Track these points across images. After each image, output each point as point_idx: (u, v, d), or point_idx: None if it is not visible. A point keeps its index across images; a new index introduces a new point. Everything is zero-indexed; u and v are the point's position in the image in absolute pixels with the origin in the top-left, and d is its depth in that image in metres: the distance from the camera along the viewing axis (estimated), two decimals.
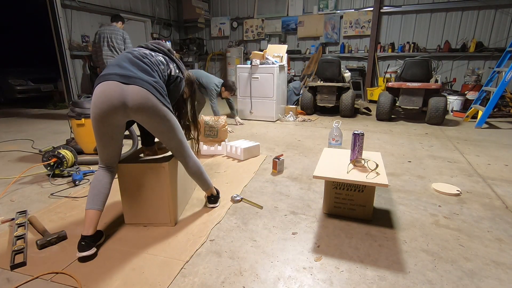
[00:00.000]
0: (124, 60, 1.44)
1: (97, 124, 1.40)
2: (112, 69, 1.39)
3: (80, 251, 1.36)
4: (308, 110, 5.21)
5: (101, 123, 1.39)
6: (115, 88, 1.34)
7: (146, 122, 1.46)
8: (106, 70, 1.41)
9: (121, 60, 1.44)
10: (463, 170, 2.55)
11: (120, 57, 1.47)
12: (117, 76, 1.36)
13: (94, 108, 1.37)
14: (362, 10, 6.79)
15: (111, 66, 1.42)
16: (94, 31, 6.06)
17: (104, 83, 1.35)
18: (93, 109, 1.37)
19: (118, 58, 1.47)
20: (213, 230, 1.64)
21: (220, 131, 3.00)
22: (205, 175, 1.76)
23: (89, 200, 1.45)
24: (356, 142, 1.81)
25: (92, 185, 1.49)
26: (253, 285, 1.24)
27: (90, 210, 1.42)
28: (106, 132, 1.43)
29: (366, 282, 1.25)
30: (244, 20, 8.06)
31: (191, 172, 1.71)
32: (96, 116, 1.37)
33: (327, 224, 1.70)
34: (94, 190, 1.46)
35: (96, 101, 1.36)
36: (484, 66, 6.09)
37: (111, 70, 1.38)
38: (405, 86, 4.42)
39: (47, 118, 5.11)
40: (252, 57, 4.63)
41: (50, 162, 2.34)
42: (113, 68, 1.39)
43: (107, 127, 1.41)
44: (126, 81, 1.35)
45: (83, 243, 1.37)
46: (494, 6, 5.82)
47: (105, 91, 1.34)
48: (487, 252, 1.45)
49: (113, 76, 1.36)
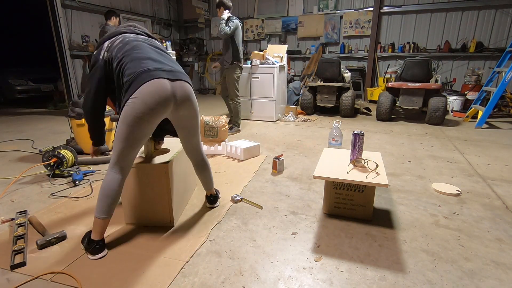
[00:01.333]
0: (151, 52, 1.40)
1: (141, 124, 1.29)
2: (152, 64, 1.32)
3: (96, 253, 1.39)
4: (308, 110, 5.21)
5: (147, 123, 1.31)
6: (166, 86, 1.31)
7: (184, 117, 1.47)
8: (141, 64, 1.31)
9: (149, 52, 1.39)
10: (463, 170, 2.55)
11: (143, 48, 1.40)
12: (162, 72, 1.32)
13: (144, 108, 1.27)
14: (362, 10, 6.79)
15: (145, 60, 1.34)
16: (94, 31, 6.08)
17: (153, 81, 1.28)
18: (142, 108, 1.27)
19: (142, 49, 1.39)
20: (213, 230, 1.64)
21: (220, 131, 3.00)
22: (211, 173, 1.83)
23: (105, 209, 1.36)
24: (356, 142, 1.81)
25: (105, 193, 1.35)
26: (253, 285, 1.24)
27: (107, 219, 1.38)
28: (146, 132, 1.35)
29: (366, 282, 1.25)
30: (244, 20, 8.05)
31: (203, 169, 1.76)
32: (145, 116, 1.28)
33: (327, 224, 1.70)
34: (109, 200, 1.36)
35: (148, 101, 1.26)
36: (484, 66, 6.09)
37: (150, 65, 1.32)
38: (405, 86, 4.42)
39: (47, 118, 5.11)
40: (252, 57, 4.63)
41: (50, 162, 2.34)
42: (151, 63, 1.33)
43: (149, 127, 1.34)
44: (172, 76, 1.35)
45: (98, 246, 1.39)
46: (494, 6, 5.82)
47: (158, 90, 1.28)
48: (487, 252, 1.45)
49: (158, 72, 1.31)
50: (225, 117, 3.08)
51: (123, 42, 1.44)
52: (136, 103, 1.27)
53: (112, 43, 1.45)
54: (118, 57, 1.38)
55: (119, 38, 1.47)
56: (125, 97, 1.29)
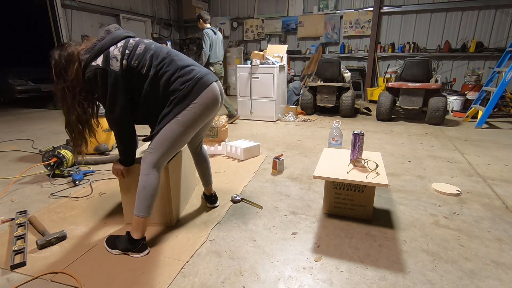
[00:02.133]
0: (186, 58, 1.44)
1: (198, 126, 1.40)
2: (198, 70, 1.38)
3: (143, 251, 1.43)
4: (308, 110, 5.21)
5: (202, 123, 1.42)
6: (217, 89, 1.42)
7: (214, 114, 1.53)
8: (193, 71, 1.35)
9: (184, 58, 1.42)
10: (463, 170, 2.55)
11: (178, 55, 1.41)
12: (211, 76, 1.41)
13: (205, 111, 1.37)
14: (362, 10, 6.80)
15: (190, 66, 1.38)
16: (94, 31, 6.08)
17: (211, 86, 1.37)
18: (204, 112, 1.36)
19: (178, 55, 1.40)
20: (213, 230, 1.64)
21: (220, 131, 3.00)
22: (210, 167, 1.89)
23: (149, 208, 1.38)
24: (356, 142, 1.81)
25: (149, 192, 1.36)
26: (253, 285, 1.24)
27: (149, 217, 1.41)
28: (194, 133, 1.44)
29: (366, 282, 1.25)
30: (244, 20, 8.06)
31: (204, 160, 1.82)
32: (204, 117, 1.39)
33: (327, 224, 1.70)
34: (153, 198, 1.38)
35: (209, 104, 1.37)
36: (484, 66, 6.09)
37: (199, 71, 1.37)
38: (405, 86, 4.42)
39: (47, 118, 5.11)
40: (252, 57, 4.63)
41: (50, 162, 2.34)
42: (198, 69, 1.38)
43: (200, 127, 1.45)
44: (216, 79, 1.43)
45: (144, 243, 1.44)
46: (494, 6, 5.82)
47: (215, 93, 1.39)
48: (487, 252, 1.45)
49: (209, 77, 1.39)
50: (225, 117, 3.08)
51: (151, 48, 1.36)
52: (199, 108, 1.34)
53: (127, 49, 1.31)
54: (155, 65, 1.32)
55: (133, 43, 1.35)
56: (184, 103, 1.33)
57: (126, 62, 1.30)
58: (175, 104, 1.33)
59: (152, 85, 1.34)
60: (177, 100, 1.32)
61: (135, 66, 1.31)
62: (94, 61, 1.28)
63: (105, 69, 1.27)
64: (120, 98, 1.31)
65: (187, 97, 1.33)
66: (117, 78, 1.28)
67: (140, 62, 1.31)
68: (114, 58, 1.29)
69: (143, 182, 1.36)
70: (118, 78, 1.28)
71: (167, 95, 1.35)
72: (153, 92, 1.35)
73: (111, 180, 2.36)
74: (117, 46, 1.32)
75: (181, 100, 1.33)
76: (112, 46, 1.31)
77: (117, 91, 1.30)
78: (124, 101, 1.32)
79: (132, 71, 1.31)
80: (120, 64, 1.29)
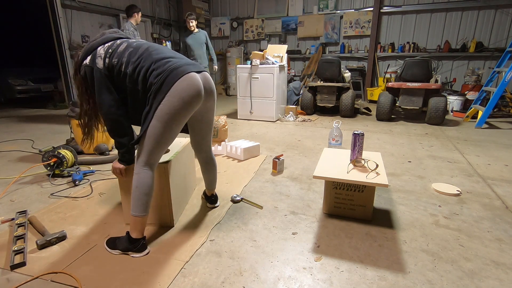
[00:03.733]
0: (167, 51, 1.39)
1: (179, 120, 1.32)
2: (176, 61, 1.33)
3: (143, 250, 1.43)
4: (308, 110, 5.21)
5: (183, 118, 1.33)
6: (198, 79, 1.33)
7: (207, 109, 1.50)
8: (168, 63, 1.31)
9: (165, 51, 1.38)
10: (463, 170, 2.55)
11: (159, 48, 1.38)
12: (189, 66, 1.33)
13: (182, 103, 1.28)
14: (362, 10, 6.79)
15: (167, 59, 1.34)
16: (94, 31, 6.08)
17: (185, 76, 1.28)
18: (180, 104, 1.28)
19: (158, 49, 1.38)
20: (213, 230, 1.64)
21: (220, 131, 3.00)
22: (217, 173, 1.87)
23: (144, 206, 1.38)
24: (356, 142, 1.81)
25: (143, 191, 1.36)
26: (253, 285, 1.24)
27: (146, 216, 1.40)
28: (180, 128, 1.38)
29: (366, 282, 1.25)
30: (244, 20, 8.06)
31: (212, 168, 1.79)
32: (182, 111, 1.30)
33: (327, 224, 1.70)
34: (147, 196, 1.38)
35: (184, 96, 1.28)
36: (484, 66, 6.09)
37: (176, 62, 1.32)
38: (405, 86, 4.42)
39: (47, 118, 5.11)
40: (252, 57, 4.63)
41: (50, 162, 2.34)
42: (176, 61, 1.33)
43: (183, 122, 1.37)
44: (197, 69, 1.36)
45: (144, 243, 1.44)
46: (494, 6, 5.82)
47: (192, 84, 1.30)
48: (487, 252, 1.45)
49: (186, 67, 1.31)
50: (225, 117, 3.08)
51: (132, 46, 1.37)
52: (173, 100, 1.27)
53: (110, 49, 1.36)
54: (133, 61, 1.32)
55: (118, 43, 1.39)
56: (158, 97, 1.28)
57: (108, 60, 1.35)
58: (152, 100, 1.30)
59: (132, 82, 1.34)
60: (153, 95, 1.29)
61: (115, 63, 1.35)
62: (85, 60, 1.37)
63: (92, 67, 1.35)
64: (105, 94, 1.35)
65: (160, 90, 1.28)
66: (101, 75, 1.34)
67: (119, 60, 1.35)
68: (99, 56, 1.35)
69: (135, 182, 1.36)
70: (102, 76, 1.34)
71: (147, 91, 1.33)
72: (135, 90, 1.36)
73: (111, 180, 2.36)
74: (103, 46, 1.38)
75: (156, 94, 1.29)
76: (100, 46, 1.39)
77: (102, 88, 1.35)
78: (110, 97, 1.36)
79: (113, 69, 1.35)
80: (103, 62, 1.35)
